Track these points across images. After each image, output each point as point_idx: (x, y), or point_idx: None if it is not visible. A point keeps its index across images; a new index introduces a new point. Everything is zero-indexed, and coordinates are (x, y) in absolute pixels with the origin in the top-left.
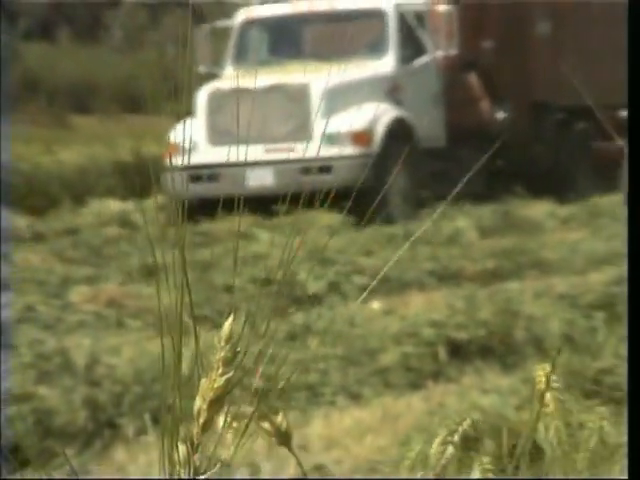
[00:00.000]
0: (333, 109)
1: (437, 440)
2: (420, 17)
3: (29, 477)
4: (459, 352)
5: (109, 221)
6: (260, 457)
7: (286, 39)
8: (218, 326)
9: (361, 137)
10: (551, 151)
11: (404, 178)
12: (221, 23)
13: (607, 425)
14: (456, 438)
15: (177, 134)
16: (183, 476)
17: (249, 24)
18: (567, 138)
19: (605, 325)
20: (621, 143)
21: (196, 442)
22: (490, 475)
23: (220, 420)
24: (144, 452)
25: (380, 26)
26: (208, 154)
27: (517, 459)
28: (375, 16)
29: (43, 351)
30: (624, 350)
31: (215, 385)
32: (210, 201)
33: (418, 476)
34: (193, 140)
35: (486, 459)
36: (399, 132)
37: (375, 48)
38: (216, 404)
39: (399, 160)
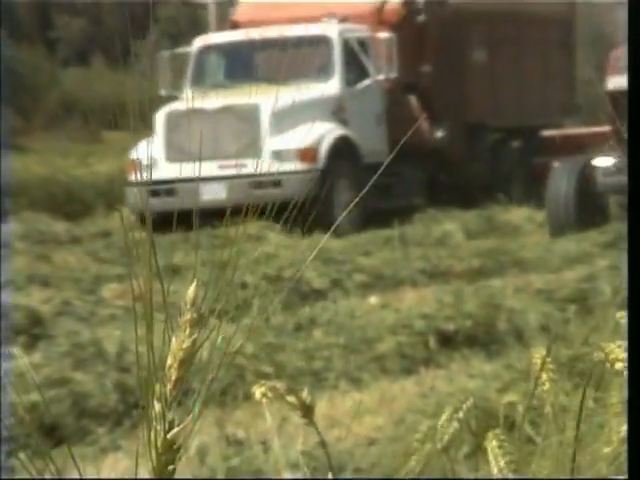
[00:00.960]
0: (281, 128)
1: (444, 417)
2: (363, 43)
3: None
4: (448, 341)
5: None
6: (271, 434)
7: (240, 64)
8: (233, 318)
9: (307, 154)
10: (487, 166)
11: (348, 191)
12: (181, 50)
13: (591, 404)
14: (461, 415)
15: (137, 152)
16: (159, 430)
17: (206, 50)
18: (503, 155)
19: (577, 317)
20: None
21: (169, 398)
22: (505, 445)
23: (257, 393)
24: (146, 432)
25: (326, 52)
26: (166, 170)
27: (519, 430)
28: (321, 42)
29: (78, 341)
30: (594, 338)
31: (184, 345)
32: (168, 214)
33: (426, 450)
34: (152, 157)
35: (498, 430)
36: (343, 149)
37: (322, 72)
38: (185, 363)
39: (343, 174)
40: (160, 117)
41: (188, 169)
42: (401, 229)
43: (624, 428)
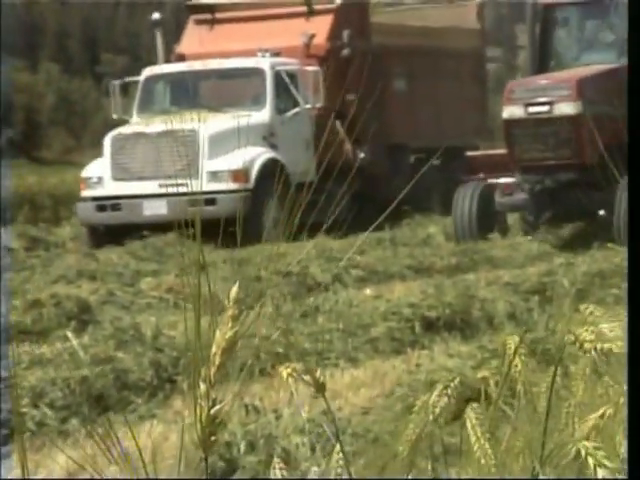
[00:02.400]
0: (217, 151)
1: (435, 392)
2: (293, 75)
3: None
4: (430, 326)
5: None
6: (281, 404)
7: (184, 92)
8: (248, 307)
9: (239, 175)
10: (408, 183)
11: (277, 208)
12: (130, 79)
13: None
14: (449, 391)
15: (88, 170)
16: (204, 407)
17: (153, 79)
18: (424, 173)
19: (539, 306)
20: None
21: (212, 380)
22: (481, 417)
23: (284, 372)
24: (193, 407)
25: (259, 83)
26: (112, 188)
27: (494, 405)
28: (256, 74)
29: (120, 325)
30: (552, 324)
31: (226, 336)
32: (114, 227)
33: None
34: (100, 176)
35: (476, 404)
36: (273, 170)
37: (255, 101)
38: (227, 351)
39: (272, 193)
40: (107, 140)
41: (132, 187)
42: (391, 232)
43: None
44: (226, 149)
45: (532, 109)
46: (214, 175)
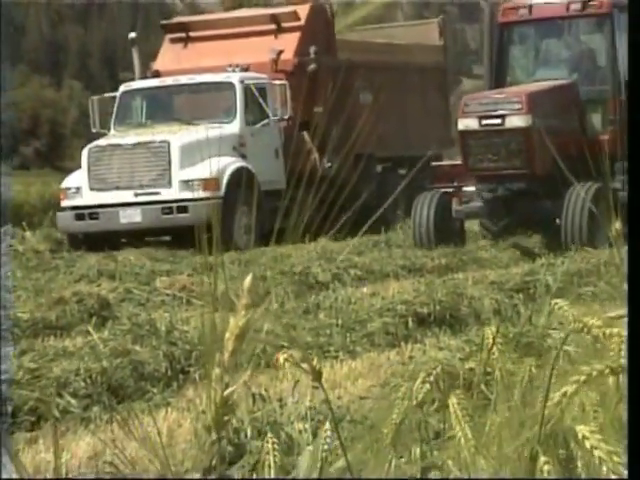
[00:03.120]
0: (189, 161)
1: (418, 380)
2: (262, 89)
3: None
4: (422, 322)
5: None
6: (285, 394)
7: (159, 106)
8: (255, 304)
9: (210, 183)
10: (376, 190)
11: (247, 214)
12: (108, 94)
13: (534, 369)
14: (432, 378)
15: (67, 181)
16: (218, 390)
17: (129, 94)
18: (390, 180)
19: (522, 302)
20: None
21: (226, 365)
22: (463, 402)
23: (280, 358)
24: (205, 390)
25: (230, 96)
26: (89, 198)
27: (476, 390)
28: (226, 88)
29: (137, 321)
30: (535, 319)
31: (239, 324)
32: (92, 234)
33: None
34: (78, 186)
35: (459, 391)
36: (242, 179)
37: (226, 113)
38: (240, 337)
39: (242, 201)
40: (84, 152)
41: (108, 196)
42: (387, 235)
43: (562, 391)
44: (197, 159)
45: (485, 122)
46: (186, 184)
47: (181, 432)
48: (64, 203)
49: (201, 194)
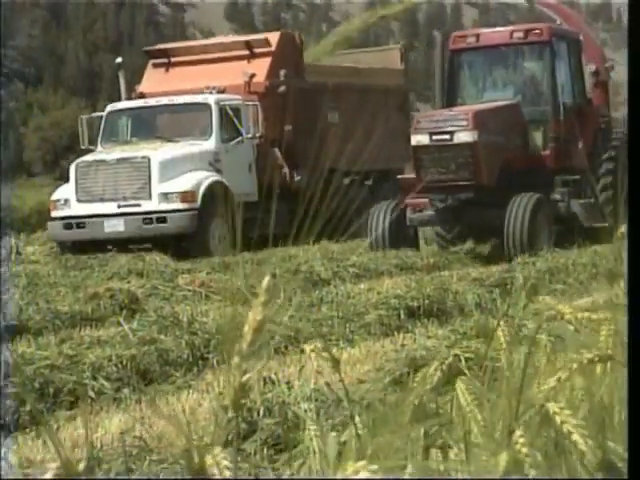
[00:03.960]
0: (168, 175)
1: (432, 368)
2: (236, 109)
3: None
4: (413, 314)
5: None
6: (292, 377)
7: (142, 124)
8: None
9: (187, 196)
10: (344, 201)
11: (222, 225)
12: (96, 114)
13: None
14: (444, 367)
15: (57, 194)
16: (236, 376)
17: (115, 114)
18: (357, 192)
19: (500, 296)
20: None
21: (245, 354)
22: (470, 387)
23: (307, 349)
24: (224, 375)
25: (206, 116)
26: (76, 208)
27: (484, 373)
28: (203, 109)
29: (162, 313)
30: (511, 311)
31: (257, 318)
32: (79, 242)
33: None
34: (66, 198)
35: (465, 377)
36: (218, 192)
37: (202, 131)
38: (257, 330)
39: (217, 212)
40: (72, 167)
41: (94, 208)
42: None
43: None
44: (175, 173)
45: (435, 137)
46: (165, 196)
47: (201, 411)
48: (54, 214)
49: (179, 206)
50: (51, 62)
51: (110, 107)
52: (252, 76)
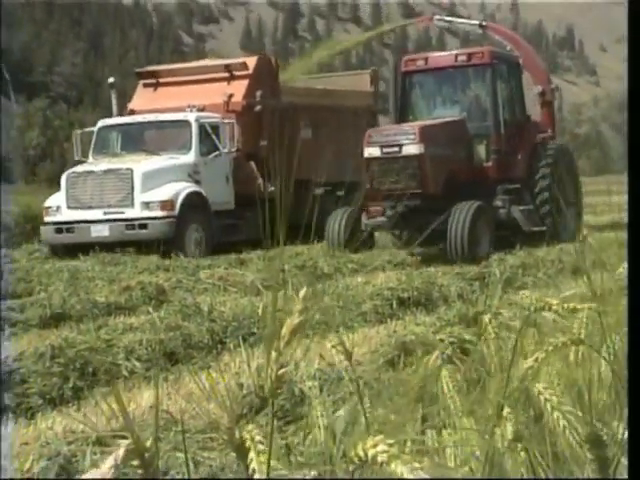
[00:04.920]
0: (149, 186)
1: (434, 354)
2: (214, 126)
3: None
4: (403, 303)
5: None
6: (298, 358)
7: (129, 138)
8: (276, 290)
9: (166, 204)
10: (312, 211)
11: (198, 231)
12: (89, 129)
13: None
14: (445, 356)
15: (49, 201)
16: (274, 368)
17: (105, 129)
18: (329, 201)
19: (479, 288)
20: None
21: (282, 351)
22: (453, 375)
23: (329, 345)
24: (239, 357)
25: (187, 132)
26: (67, 215)
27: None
28: (184, 125)
29: (185, 303)
30: (489, 301)
31: (294, 322)
32: (69, 245)
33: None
34: (58, 205)
35: (449, 366)
36: (195, 201)
37: (183, 146)
38: (294, 332)
39: (194, 219)
40: (63, 177)
41: (82, 214)
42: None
43: (526, 363)
44: (156, 184)
45: (386, 150)
46: (146, 205)
47: (219, 388)
48: (46, 219)
49: (158, 213)
50: (90, 86)
51: (101, 123)
52: (230, 96)
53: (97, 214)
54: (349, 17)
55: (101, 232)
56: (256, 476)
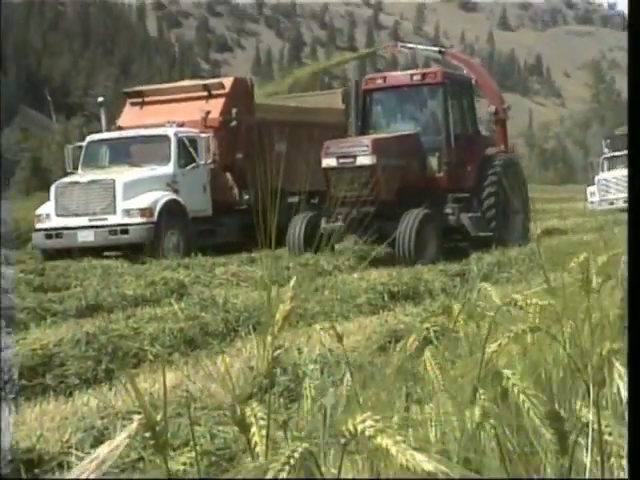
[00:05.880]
0: (130, 195)
1: (411, 338)
2: (192, 140)
3: None
4: (394, 297)
5: None
6: (302, 344)
7: (114, 152)
8: (281, 285)
9: (145, 212)
10: (285, 218)
11: (176, 235)
12: (79, 143)
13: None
14: (421, 339)
15: (40, 209)
16: (270, 351)
17: (93, 143)
18: (303, 208)
19: (460, 283)
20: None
21: (276, 335)
22: (436, 355)
23: (318, 327)
24: (250, 343)
25: (166, 145)
26: (56, 222)
27: (449, 341)
28: (164, 139)
29: (203, 296)
30: (469, 295)
31: (286, 309)
32: (57, 249)
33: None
34: (48, 213)
35: (432, 347)
36: (174, 208)
37: (163, 158)
38: (286, 319)
39: (172, 225)
40: (52, 187)
41: (69, 221)
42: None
43: (493, 346)
44: (137, 193)
45: (341, 160)
46: (127, 212)
47: (232, 371)
48: (37, 226)
49: (138, 220)
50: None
51: (89, 138)
52: (208, 113)
53: (83, 221)
54: (346, 46)
55: (87, 237)
56: (257, 449)
